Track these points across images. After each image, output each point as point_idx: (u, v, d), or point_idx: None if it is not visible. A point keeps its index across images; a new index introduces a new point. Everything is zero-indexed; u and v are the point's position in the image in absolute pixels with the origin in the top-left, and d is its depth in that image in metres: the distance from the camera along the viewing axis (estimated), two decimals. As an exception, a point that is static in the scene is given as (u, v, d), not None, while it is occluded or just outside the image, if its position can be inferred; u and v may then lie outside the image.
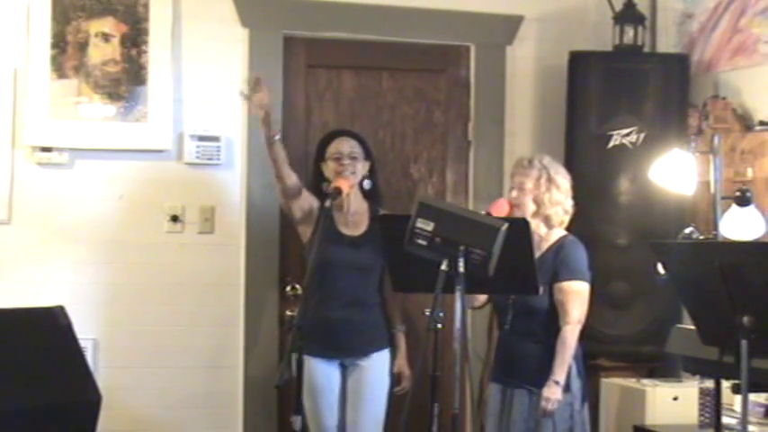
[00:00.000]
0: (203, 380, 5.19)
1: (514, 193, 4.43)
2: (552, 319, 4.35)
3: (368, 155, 4.73)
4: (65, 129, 5.00)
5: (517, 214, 4.34)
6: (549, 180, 4.41)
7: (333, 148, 4.68)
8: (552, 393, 4.26)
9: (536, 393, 4.30)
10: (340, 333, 4.58)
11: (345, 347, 4.57)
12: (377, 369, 4.56)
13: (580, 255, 4.40)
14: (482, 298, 4.51)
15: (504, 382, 4.41)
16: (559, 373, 4.27)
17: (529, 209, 4.40)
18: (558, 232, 4.45)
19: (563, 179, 4.46)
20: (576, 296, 4.34)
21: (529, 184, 4.40)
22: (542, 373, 4.30)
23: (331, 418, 4.59)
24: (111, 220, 5.10)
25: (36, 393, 3.67)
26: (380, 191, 4.84)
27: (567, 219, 4.47)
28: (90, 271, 5.06)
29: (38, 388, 3.68)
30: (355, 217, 4.68)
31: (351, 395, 4.54)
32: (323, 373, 4.59)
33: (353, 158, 4.64)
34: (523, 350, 4.37)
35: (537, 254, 4.37)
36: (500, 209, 4.30)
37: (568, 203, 4.46)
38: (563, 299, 4.33)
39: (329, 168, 4.66)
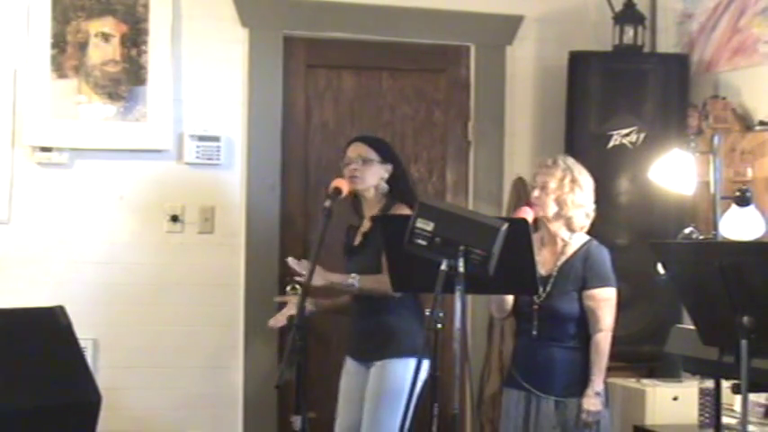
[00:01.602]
0: (203, 380, 5.19)
1: (536, 193, 4.30)
2: (581, 326, 4.28)
3: (386, 158, 4.60)
4: (65, 129, 5.00)
5: (539, 215, 4.29)
6: (573, 181, 4.29)
7: (346, 154, 4.63)
8: (593, 405, 4.19)
9: (563, 401, 4.25)
10: (357, 338, 4.61)
11: (363, 352, 4.57)
12: (391, 376, 4.48)
13: (607, 261, 4.31)
14: (509, 306, 4.41)
15: (528, 389, 4.29)
16: (598, 384, 4.20)
17: (551, 210, 4.30)
18: (582, 237, 4.34)
19: (587, 181, 4.34)
20: (607, 303, 4.26)
21: (552, 184, 4.27)
22: (572, 380, 4.24)
23: (349, 416, 4.59)
24: (111, 220, 5.10)
25: (36, 393, 3.67)
26: (406, 192, 4.58)
27: (588, 223, 4.36)
28: (90, 271, 5.06)
29: (38, 388, 3.69)
30: (367, 224, 4.64)
31: (366, 400, 4.53)
32: (353, 374, 4.60)
33: (362, 163, 4.57)
34: (551, 357, 4.27)
35: (561, 259, 4.31)
36: (524, 215, 4.24)
37: (591, 207, 4.35)
38: (594, 306, 4.25)
39: (344, 175, 4.63)
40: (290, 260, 4.47)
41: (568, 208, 4.30)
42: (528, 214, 4.24)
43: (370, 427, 4.46)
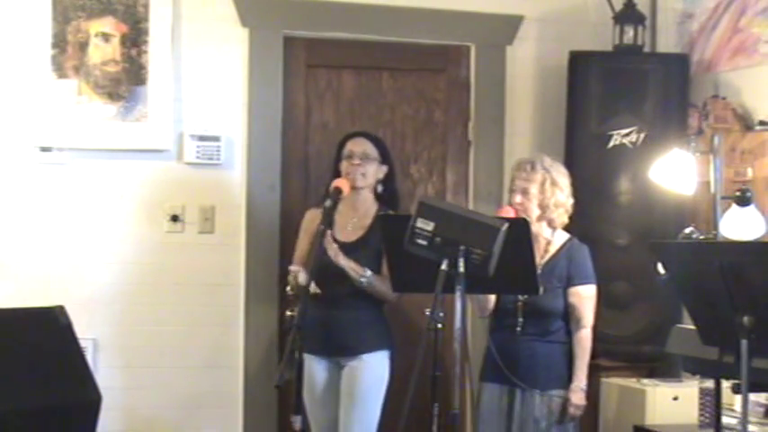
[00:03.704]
0: (203, 380, 5.19)
1: (518, 198, 4.39)
2: (564, 322, 4.40)
3: (384, 159, 4.66)
4: (65, 128, 5.00)
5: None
6: (553, 184, 4.41)
7: (347, 147, 4.65)
8: (580, 400, 4.33)
9: (546, 394, 4.32)
10: (332, 332, 4.57)
11: (337, 347, 4.57)
12: (369, 370, 4.52)
13: (589, 258, 4.44)
14: (491, 305, 4.47)
15: (511, 383, 4.36)
16: (583, 378, 4.35)
17: (534, 213, 4.40)
18: (563, 235, 4.47)
19: (564, 180, 4.46)
20: (590, 300, 4.41)
21: (533, 190, 4.39)
22: (554, 374, 4.34)
23: (325, 415, 4.59)
24: (111, 220, 5.10)
25: (36, 393, 3.67)
26: (396, 196, 4.71)
27: (567, 219, 4.48)
28: (90, 271, 5.06)
29: (38, 388, 3.69)
30: (362, 221, 4.64)
31: (343, 395, 4.53)
32: (322, 371, 4.60)
33: (365, 159, 4.59)
34: (533, 351, 4.36)
35: (545, 257, 4.42)
36: (506, 215, 4.28)
37: (569, 203, 4.48)
38: (578, 303, 4.38)
39: (342, 167, 4.64)
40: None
41: (551, 210, 4.44)
42: (509, 213, 4.29)
43: (357, 420, 4.46)
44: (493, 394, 4.43)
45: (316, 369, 4.60)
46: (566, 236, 4.48)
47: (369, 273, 4.51)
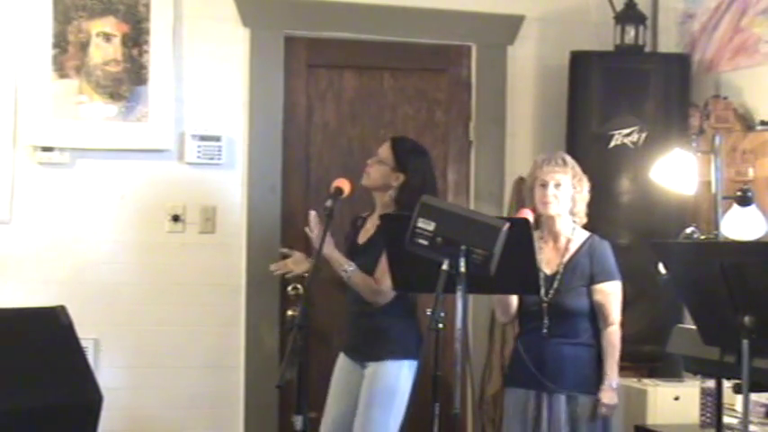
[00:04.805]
0: (204, 380, 5.19)
1: (552, 191, 4.35)
2: (591, 322, 4.34)
3: (401, 167, 4.55)
4: (66, 128, 5.00)
5: (553, 212, 4.35)
6: (581, 179, 4.42)
7: None
8: (611, 399, 4.26)
9: (575, 397, 4.28)
10: (352, 336, 4.62)
11: (361, 351, 4.57)
12: (387, 377, 4.49)
13: (611, 254, 4.40)
14: (514, 309, 4.42)
15: (538, 386, 4.30)
16: (614, 377, 4.28)
17: (567, 207, 4.38)
18: (583, 232, 4.43)
19: (585, 176, 4.47)
20: (615, 297, 4.35)
21: (567, 183, 4.36)
22: (583, 376, 4.29)
23: (336, 410, 4.59)
24: (111, 220, 5.10)
25: (36, 393, 3.68)
26: (410, 205, 4.27)
27: (585, 216, 4.46)
28: (91, 271, 5.06)
29: (38, 388, 3.69)
30: (376, 224, 4.62)
31: (360, 398, 4.53)
32: (346, 371, 4.61)
33: (375, 161, 4.57)
34: (560, 353, 4.31)
35: (566, 255, 4.37)
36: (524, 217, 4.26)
37: (588, 199, 4.46)
38: (604, 300, 4.32)
39: None
40: (312, 215, 4.48)
41: (577, 204, 4.42)
42: (528, 216, 4.26)
43: (363, 426, 4.46)
44: (518, 399, 4.37)
45: (341, 367, 4.64)
46: (586, 234, 4.43)
47: (351, 268, 4.48)
